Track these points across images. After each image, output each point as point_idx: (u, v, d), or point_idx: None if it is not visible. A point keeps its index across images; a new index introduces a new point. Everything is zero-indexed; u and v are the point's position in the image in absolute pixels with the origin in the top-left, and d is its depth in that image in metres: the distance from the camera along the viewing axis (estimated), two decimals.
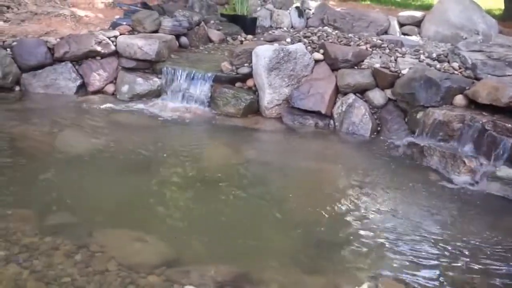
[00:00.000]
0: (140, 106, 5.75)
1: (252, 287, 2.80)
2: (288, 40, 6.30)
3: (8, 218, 3.27)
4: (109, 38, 6.25)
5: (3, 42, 6.06)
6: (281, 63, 5.57)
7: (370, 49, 6.00)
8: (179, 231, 3.35)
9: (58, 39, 6.21)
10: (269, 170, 4.48)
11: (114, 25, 6.77)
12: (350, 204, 3.87)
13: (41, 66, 6.02)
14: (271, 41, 6.29)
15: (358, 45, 6.08)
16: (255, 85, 5.86)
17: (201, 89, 5.78)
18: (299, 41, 6.13)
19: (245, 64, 5.87)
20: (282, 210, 3.77)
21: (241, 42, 7.42)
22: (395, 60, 5.70)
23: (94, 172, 4.15)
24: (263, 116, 5.73)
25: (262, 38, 6.98)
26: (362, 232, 3.48)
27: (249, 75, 5.86)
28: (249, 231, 3.42)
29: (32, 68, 6.00)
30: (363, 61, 5.73)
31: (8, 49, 5.98)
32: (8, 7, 7.00)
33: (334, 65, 5.73)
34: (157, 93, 6.00)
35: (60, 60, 6.09)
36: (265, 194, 3.99)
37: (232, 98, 5.66)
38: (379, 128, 5.46)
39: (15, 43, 6.07)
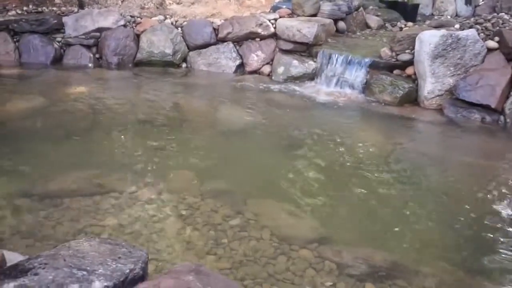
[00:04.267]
0: (294, 88, 5.82)
1: (407, 277, 2.62)
2: (457, 26, 5.78)
3: (175, 178, 3.57)
4: (269, 20, 6.43)
5: (176, 21, 6.61)
6: (448, 50, 5.14)
7: None
8: (331, 210, 3.30)
9: (222, 21, 6.58)
10: (426, 161, 4.18)
11: (274, 8, 6.94)
12: None
13: (206, 45, 6.45)
14: (437, 27, 5.83)
15: None
16: (415, 73, 5.50)
17: (357, 75, 5.63)
18: (470, 27, 5.58)
19: (406, 51, 5.54)
20: (439, 203, 3.49)
21: (401, 29, 7.04)
22: None
23: (249, 145, 4.32)
24: (421, 107, 5.36)
25: (426, 24, 6.53)
26: None
27: (410, 63, 5.52)
28: (403, 220, 3.22)
29: (198, 46, 6.46)
30: None
31: (179, 29, 6.52)
32: None
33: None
34: (311, 76, 6.00)
35: (223, 40, 6.45)
36: (421, 185, 3.73)
37: (389, 85, 5.40)
38: None
39: (185, 23, 6.59)
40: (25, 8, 6.65)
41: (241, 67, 6.38)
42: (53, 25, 6.33)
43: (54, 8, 6.73)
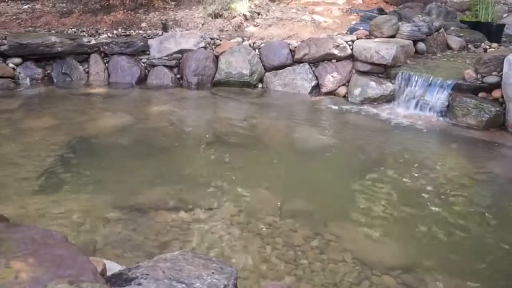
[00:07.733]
0: (371, 110, 5.72)
1: None
2: None
3: (254, 196, 3.61)
4: (346, 42, 6.41)
5: (253, 43, 6.78)
6: None
7: None
8: (414, 236, 3.18)
9: (299, 42, 6.65)
10: None
11: (351, 30, 6.92)
12: None
13: (282, 66, 6.55)
14: None
15: None
16: (502, 96, 5.22)
17: (438, 97, 5.44)
18: None
19: (493, 73, 5.27)
20: None
21: (485, 50, 6.76)
22: None
23: (325, 167, 4.30)
24: (509, 131, 5.06)
25: None
26: None
27: (496, 85, 5.25)
28: (494, 251, 3.03)
29: (274, 67, 6.57)
30: None
31: (256, 50, 6.67)
32: (258, 14, 7.82)
33: None
34: (388, 98, 5.89)
35: (299, 61, 6.51)
36: None
37: (474, 108, 5.16)
38: None
39: (262, 45, 6.74)
40: (115, 31, 7.14)
41: (316, 88, 6.40)
42: (140, 47, 6.72)
43: (141, 31, 7.15)
